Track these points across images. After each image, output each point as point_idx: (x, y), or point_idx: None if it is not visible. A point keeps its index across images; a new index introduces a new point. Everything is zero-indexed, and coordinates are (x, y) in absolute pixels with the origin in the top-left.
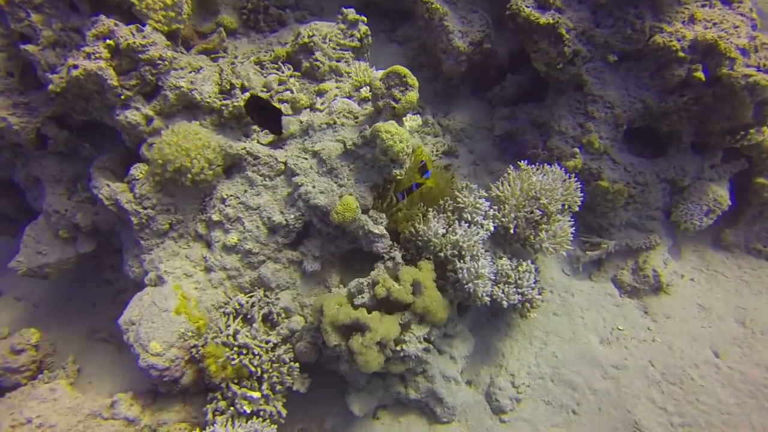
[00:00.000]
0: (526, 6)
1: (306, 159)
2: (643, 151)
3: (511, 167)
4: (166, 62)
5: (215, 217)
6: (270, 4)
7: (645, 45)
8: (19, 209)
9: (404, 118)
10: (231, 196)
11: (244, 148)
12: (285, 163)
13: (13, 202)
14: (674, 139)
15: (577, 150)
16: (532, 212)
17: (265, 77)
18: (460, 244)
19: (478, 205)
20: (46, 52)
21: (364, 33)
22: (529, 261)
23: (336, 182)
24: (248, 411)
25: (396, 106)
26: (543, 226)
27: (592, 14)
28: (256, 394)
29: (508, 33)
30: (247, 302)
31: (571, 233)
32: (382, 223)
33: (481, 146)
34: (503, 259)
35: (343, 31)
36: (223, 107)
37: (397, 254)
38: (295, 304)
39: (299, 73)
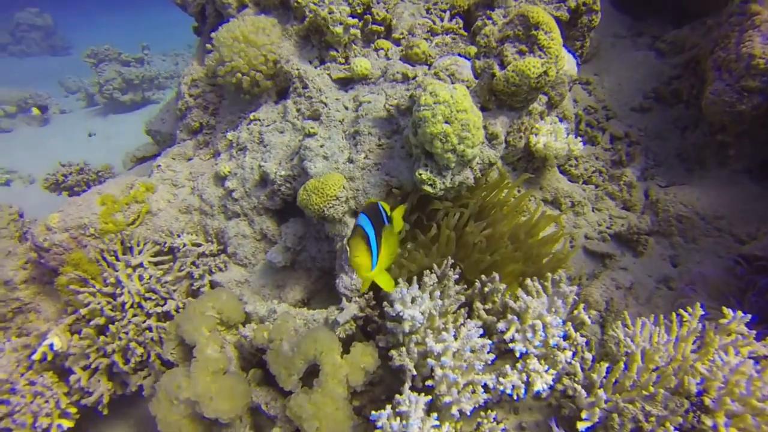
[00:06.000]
0: None
1: (346, 109)
2: None
3: (698, 308)
4: None
5: (229, 136)
6: None
7: None
8: None
9: (529, 119)
10: (258, 120)
11: (299, 69)
12: (326, 105)
13: None
14: None
15: None
16: (664, 422)
17: (414, 20)
18: (434, 365)
19: (540, 323)
20: None
21: (586, 4)
22: None
23: (350, 153)
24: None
25: (497, 74)
26: None
27: None
28: (57, 343)
29: None
30: (186, 248)
31: None
32: None
33: (701, 261)
34: None
35: None
36: (309, 12)
37: (351, 308)
38: (236, 290)
39: (465, 33)
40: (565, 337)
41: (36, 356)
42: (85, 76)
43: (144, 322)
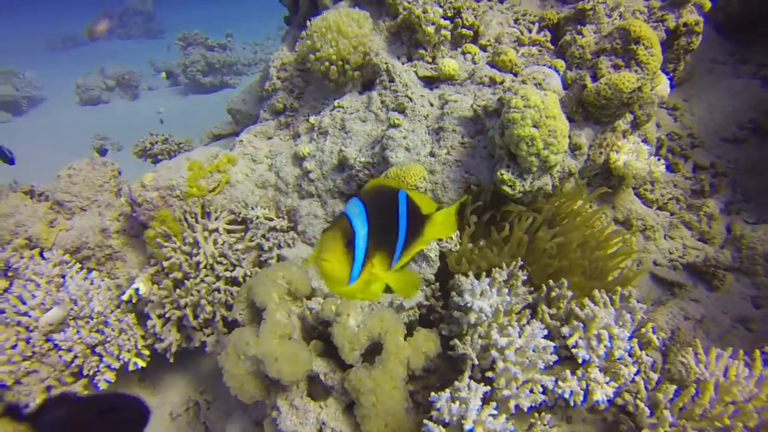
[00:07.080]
0: None
1: (431, 106)
2: None
3: None
4: None
5: (312, 120)
6: None
7: None
8: None
9: (612, 135)
10: (341, 107)
11: (387, 63)
12: (411, 100)
13: None
14: None
15: None
16: None
17: (502, 29)
18: (497, 357)
19: (607, 333)
20: None
21: (687, 25)
22: None
23: (432, 147)
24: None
25: (589, 85)
26: None
27: None
28: (142, 288)
29: None
30: (259, 221)
31: None
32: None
33: None
34: None
35: (651, 9)
36: (403, 10)
37: (418, 295)
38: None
39: (552, 47)
40: (630, 354)
41: (125, 297)
42: (172, 58)
43: (214, 283)
